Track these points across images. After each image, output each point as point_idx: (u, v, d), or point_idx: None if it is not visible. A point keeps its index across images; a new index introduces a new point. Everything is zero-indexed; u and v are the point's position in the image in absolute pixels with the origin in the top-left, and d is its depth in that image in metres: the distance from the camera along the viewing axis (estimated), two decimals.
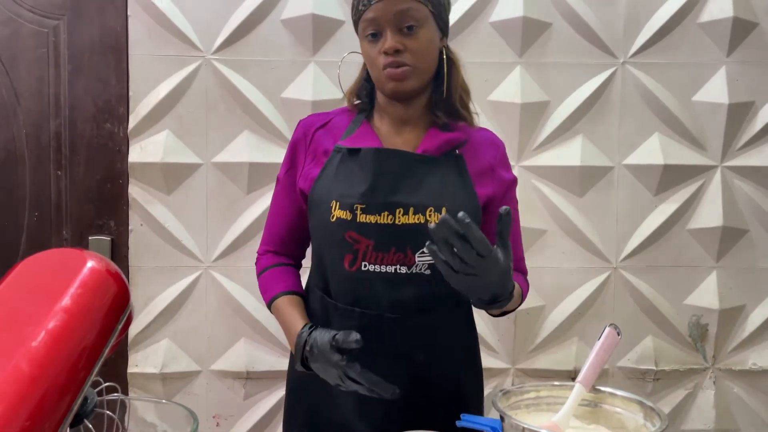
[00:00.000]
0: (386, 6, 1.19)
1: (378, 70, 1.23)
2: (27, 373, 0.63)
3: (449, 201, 1.21)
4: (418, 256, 1.20)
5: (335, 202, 1.21)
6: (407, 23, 1.20)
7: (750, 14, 1.95)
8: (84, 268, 0.73)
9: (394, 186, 1.21)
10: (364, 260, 1.20)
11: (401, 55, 1.20)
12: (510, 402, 1.15)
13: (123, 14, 1.93)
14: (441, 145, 1.26)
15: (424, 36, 1.22)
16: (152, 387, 1.97)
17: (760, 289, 2.04)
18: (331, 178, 1.24)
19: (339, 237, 1.21)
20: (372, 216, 1.19)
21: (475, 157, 1.29)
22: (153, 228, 1.95)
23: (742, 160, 2.00)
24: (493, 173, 1.30)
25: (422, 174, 1.22)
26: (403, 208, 1.19)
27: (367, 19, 1.21)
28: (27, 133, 1.97)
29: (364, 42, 1.25)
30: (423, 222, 1.19)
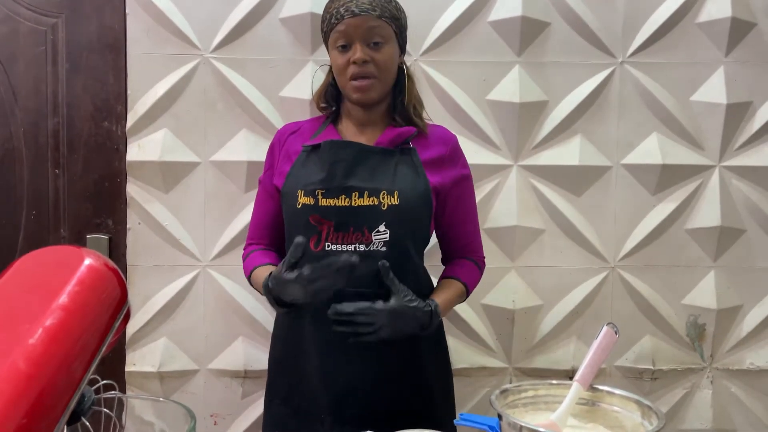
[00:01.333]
0: (357, 22, 1.37)
1: (345, 78, 1.41)
2: (24, 371, 0.62)
3: (402, 185, 1.37)
4: (374, 235, 1.36)
5: (300, 190, 1.38)
6: (374, 39, 1.38)
7: (748, 14, 1.96)
8: (81, 265, 0.73)
9: (349, 172, 1.37)
10: (327, 240, 1.36)
11: (367, 66, 1.38)
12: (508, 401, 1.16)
13: (121, 12, 1.93)
14: (394, 138, 1.43)
15: (387, 51, 1.40)
16: (150, 385, 1.97)
17: (757, 288, 2.04)
18: (298, 172, 1.42)
19: (304, 221, 1.37)
20: (331, 200, 1.35)
21: (426, 149, 1.45)
22: (151, 226, 1.95)
23: (740, 159, 2.00)
24: (443, 164, 1.46)
25: (376, 163, 1.39)
26: (358, 192, 1.35)
27: (339, 31, 1.39)
28: (25, 131, 1.97)
29: (333, 51, 1.42)
30: (377, 204, 1.35)
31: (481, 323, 1.99)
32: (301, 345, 1.43)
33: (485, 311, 1.98)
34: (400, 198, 1.36)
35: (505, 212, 1.94)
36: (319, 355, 1.40)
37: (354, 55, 1.38)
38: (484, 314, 1.99)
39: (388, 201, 1.36)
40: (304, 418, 1.42)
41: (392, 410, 1.37)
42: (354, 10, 1.38)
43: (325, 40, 1.47)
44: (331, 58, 1.45)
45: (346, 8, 1.38)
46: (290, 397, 1.46)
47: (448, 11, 1.93)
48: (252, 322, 1.97)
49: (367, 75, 1.39)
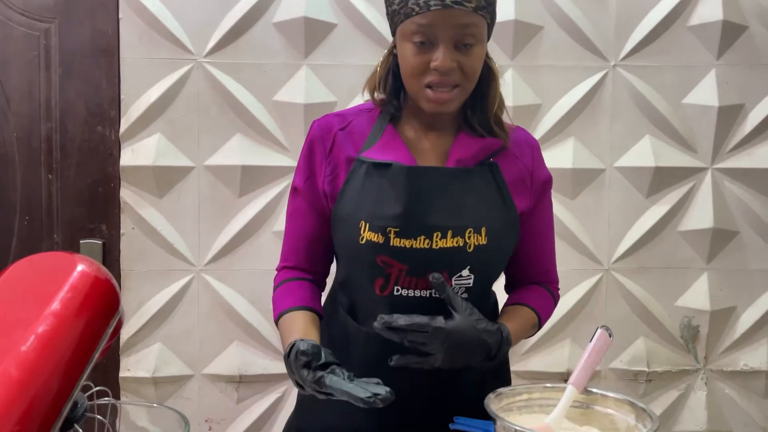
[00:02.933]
0: (447, 16, 1.05)
1: (419, 82, 1.10)
2: (16, 378, 0.62)
3: (488, 219, 1.13)
4: (455, 280, 1.12)
5: (364, 222, 1.11)
6: (465, 40, 1.08)
7: (739, 17, 1.97)
8: (74, 271, 0.73)
9: (429, 207, 1.11)
10: (396, 284, 1.12)
11: (452, 74, 1.09)
12: (502, 404, 1.15)
13: (114, 17, 1.93)
14: (476, 153, 1.16)
15: (478, 54, 1.11)
16: (144, 391, 1.96)
17: (750, 290, 2.05)
18: (358, 194, 1.13)
19: (369, 260, 1.12)
20: (407, 240, 1.10)
21: (511, 164, 1.19)
22: (145, 231, 1.95)
23: (732, 162, 2.01)
24: (531, 178, 1.21)
25: (458, 190, 1.13)
26: (441, 232, 1.10)
27: (419, 23, 1.07)
28: (18, 136, 1.96)
29: (406, 44, 1.10)
30: (462, 245, 1.10)
31: None
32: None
33: None
34: (488, 236, 1.11)
35: None
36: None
37: (436, 61, 1.07)
38: None
39: (474, 241, 1.11)
40: None
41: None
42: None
43: (392, 19, 1.14)
44: (401, 49, 1.12)
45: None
46: None
47: None
48: (246, 327, 1.97)
49: (450, 85, 1.09)
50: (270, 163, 1.94)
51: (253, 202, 1.95)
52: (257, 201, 1.95)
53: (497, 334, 1.09)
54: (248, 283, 1.96)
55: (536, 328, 1.24)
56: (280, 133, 1.94)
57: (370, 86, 1.21)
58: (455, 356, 1.05)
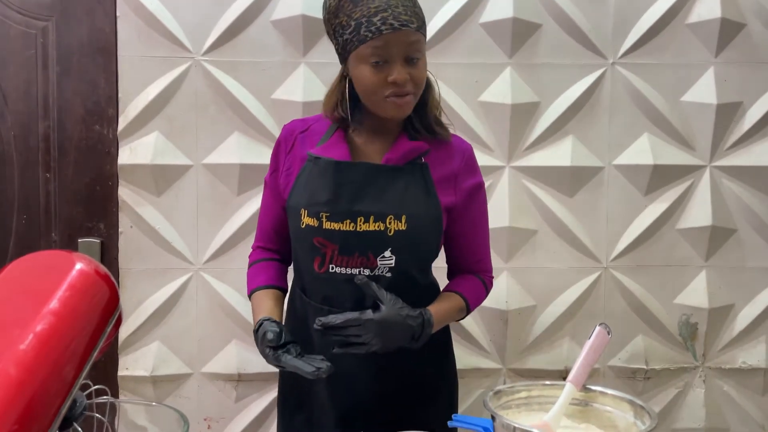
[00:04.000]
0: (398, 37, 1.24)
1: (379, 96, 1.28)
2: (14, 377, 0.62)
3: (410, 209, 1.30)
4: (379, 260, 1.30)
5: (303, 209, 1.32)
6: (413, 55, 1.27)
7: (738, 15, 1.97)
8: (72, 270, 0.73)
9: (356, 195, 1.30)
10: (331, 263, 1.31)
11: (407, 85, 1.27)
12: (501, 402, 1.16)
13: (112, 15, 1.92)
14: (405, 153, 1.34)
15: (423, 65, 1.30)
16: (143, 390, 1.96)
17: (749, 287, 2.05)
18: (302, 186, 1.35)
19: (308, 242, 1.32)
20: (336, 223, 1.29)
21: (439, 165, 1.37)
22: (143, 230, 1.94)
23: (730, 160, 2.01)
24: (456, 180, 1.38)
25: (385, 183, 1.31)
26: (363, 217, 1.29)
27: (374, 46, 1.24)
28: (15, 135, 1.96)
29: (363, 66, 1.27)
30: (383, 229, 1.29)
31: (474, 324, 1.99)
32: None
33: (478, 312, 1.98)
34: (408, 223, 1.30)
35: (497, 213, 1.94)
36: None
37: (394, 75, 1.25)
38: (478, 315, 1.99)
39: (395, 226, 1.29)
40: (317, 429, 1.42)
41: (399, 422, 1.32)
42: (393, 23, 1.23)
43: (343, 47, 1.30)
44: (357, 72, 1.29)
45: (383, 20, 1.23)
46: (302, 408, 1.45)
47: (440, 13, 1.93)
48: (245, 325, 1.97)
49: (405, 92, 1.28)
50: (268, 161, 1.91)
51: (251, 201, 1.95)
52: (255, 199, 1.95)
53: (419, 318, 1.27)
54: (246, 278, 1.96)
55: (464, 312, 1.42)
56: (278, 132, 1.92)
57: (327, 106, 1.39)
58: (386, 341, 1.24)
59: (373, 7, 1.23)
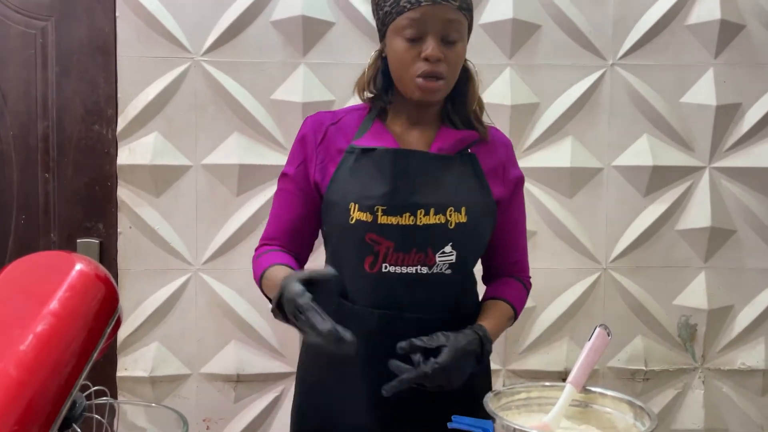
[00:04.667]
0: (436, 11, 1.17)
1: (410, 73, 1.20)
2: (15, 377, 0.62)
3: (467, 200, 1.22)
4: (438, 257, 1.21)
5: (354, 204, 1.20)
6: (451, 35, 1.19)
7: (737, 16, 1.97)
8: (72, 271, 0.73)
9: (413, 186, 1.20)
10: (384, 261, 1.20)
11: (440, 65, 1.19)
12: (501, 403, 1.16)
13: (111, 15, 1.92)
14: (455, 143, 1.26)
15: (460, 50, 1.22)
16: (142, 390, 1.96)
17: (748, 289, 2.05)
18: (347, 180, 1.23)
19: (359, 239, 1.20)
20: (393, 217, 1.19)
21: (487, 156, 1.29)
22: (142, 230, 1.94)
23: (729, 161, 2.01)
24: (504, 171, 1.31)
25: (439, 173, 1.23)
26: (424, 209, 1.19)
27: (411, 18, 1.17)
28: (14, 135, 1.95)
29: (398, 39, 1.20)
30: (443, 222, 1.20)
31: None
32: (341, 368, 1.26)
33: None
34: (467, 215, 1.21)
35: None
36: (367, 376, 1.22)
37: (427, 51, 1.17)
38: None
39: (455, 219, 1.20)
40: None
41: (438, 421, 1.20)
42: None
43: (383, 21, 1.23)
44: (392, 46, 1.21)
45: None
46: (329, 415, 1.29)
47: None
48: (244, 326, 1.96)
49: (438, 75, 1.19)
50: (268, 161, 1.94)
51: (250, 201, 1.95)
52: (255, 200, 1.95)
53: (476, 339, 1.18)
54: (246, 282, 1.95)
55: (512, 320, 1.34)
56: (277, 132, 1.94)
57: (359, 86, 1.30)
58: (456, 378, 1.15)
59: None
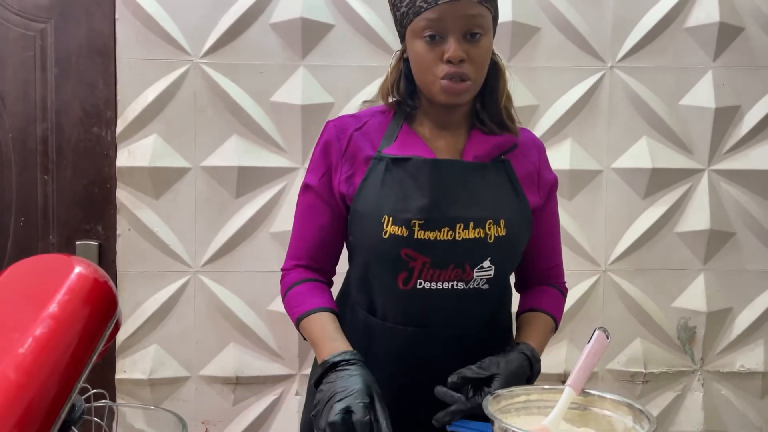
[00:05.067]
0: (455, 8, 1.09)
1: (433, 76, 1.13)
2: (13, 381, 0.62)
3: (505, 212, 1.16)
4: (476, 272, 1.15)
5: (387, 217, 1.13)
6: (473, 30, 1.11)
7: (736, 19, 1.97)
8: (71, 273, 0.72)
9: (451, 199, 1.14)
10: (419, 278, 1.14)
11: (463, 66, 1.11)
12: (500, 406, 1.15)
13: (111, 17, 1.92)
14: (490, 150, 1.19)
15: (486, 45, 1.14)
16: (140, 393, 1.96)
17: (747, 291, 2.05)
18: (378, 190, 1.15)
19: (393, 254, 1.13)
20: (431, 232, 1.12)
21: (521, 161, 1.23)
22: (141, 233, 1.94)
23: (728, 163, 2.01)
24: (539, 177, 1.25)
25: (476, 183, 1.17)
26: (463, 223, 1.13)
27: (429, 18, 1.10)
28: (13, 137, 1.95)
29: (417, 41, 1.13)
30: (482, 236, 1.14)
31: None
32: None
33: None
34: (506, 227, 1.15)
35: None
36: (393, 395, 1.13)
37: (449, 52, 1.10)
38: None
39: (494, 232, 1.14)
40: None
41: None
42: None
43: (400, 22, 1.17)
44: (412, 48, 1.14)
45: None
46: None
47: None
48: (243, 329, 1.96)
49: (464, 77, 1.12)
50: (267, 164, 1.94)
51: (249, 203, 1.95)
52: (254, 202, 1.95)
53: (526, 363, 1.15)
54: (245, 284, 1.96)
55: (554, 331, 1.30)
56: (277, 134, 1.94)
57: (383, 91, 1.23)
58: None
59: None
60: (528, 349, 1.17)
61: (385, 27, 1.92)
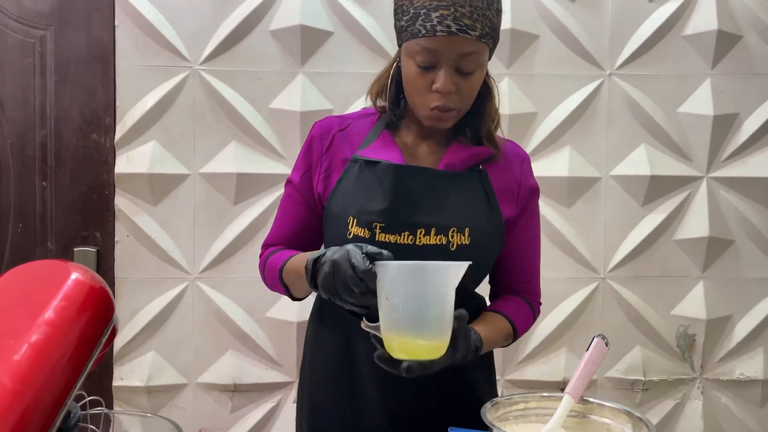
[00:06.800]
0: (452, 43, 1.09)
1: (421, 101, 1.15)
2: (9, 387, 0.61)
3: (473, 221, 1.17)
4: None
5: (352, 218, 1.16)
6: (466, 68, 1.12)
7: (734, 27, 1.98)
8: (68, 280, 0.72)
9: (415, 204, 1.15)
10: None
11: (451, 98, 1.13)
12: (498, 413, 1.15)
13: (110, 24, 1.93)
14: (466, 159, 1.21)
15: (477, 79, 1.15)
16: (138, 400, 1.95)
17: (746, 299, 2.05)
18: (349, 191, 1.18)
19: None
20: (392, 235, 1.14)
21: (500, 173, 1.23)
22: (139, 239, 1.94)
23: (727, 171, 2.01)
24: (519, 189, 1.25)
25: (445, 192, 1.17)
26: (424, 228, 1.14)
27: (424, 46, 1.10)
28: (12, 143, 1.95)
29: (410, 62, 1.13)
30: (445, 243, 1.14)
31: None
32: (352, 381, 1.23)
33: None
34: (471, 237, 1.16)
35: None
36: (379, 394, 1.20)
37: (438, 83, 1.11)
38: None
39: (457, 240, 1.15)
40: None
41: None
42: (450, 25, 1.08)
43: (398, 34, 1.16)
44: (405, 64, 1.15)
45: (441, 18, 1.08)
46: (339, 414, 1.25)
47: None
48: (241, 336, 1.96)
49: (449, 108, 1.13)
50: (265, 170, 1.94)
51: (248, 210, 1.95)
52: (253, 209, 1.95)
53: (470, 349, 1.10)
54: (243, 291, 1.95)
55: (510, 339, 1.25)
56: (276, 141, 1.94)
57: (373, 92, 1.25)
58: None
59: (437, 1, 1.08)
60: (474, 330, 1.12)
61: (384, 34, 1.93)
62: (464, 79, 1.12)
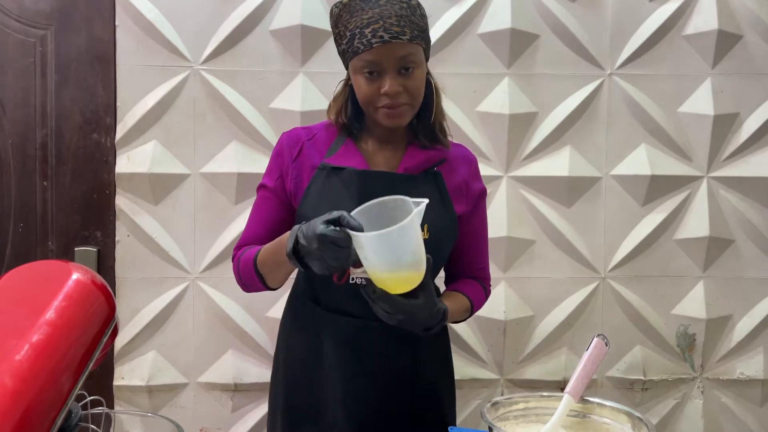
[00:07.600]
0: (388, 51, 1.24)
1: (374, 106, 1.29)
2: (10, 387, 0.62)
3: (430, 219, 1.25)
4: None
5: None
6: (406, 66, 1.27)
7: (734, 27, 1.98)
8: (69, 280, 0.72)
9: None
10: (352, 274, 1.29)
11: (400, 97, 1.27)
12: (499, 413, 1.15)
13: (111, 24, 1.93)
14: (421, 163, 1.36)
15: (419, 75, 1.29)
16: (138, 400, 1.95)
17: (746, 298, 2.05)
18: (319, 195, 1.32)
19: None
20: None
21: (451, 174, 1.39)
22: (140, 239, 1.94)
23: (727, 170, 2.01)
24: (468, 188, 1.41)
25: (405, 192, 1.24)
26: None
27: (366, 59, 1.26)
28: (13, 143, 1.95)
29: (359, 76, 1.29)
30: None
31: (472, 334, 1.99)
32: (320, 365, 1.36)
33: (476, 322, 1.98)
34: (429, 232, 1.30)
35: (495, 223, 1.94)
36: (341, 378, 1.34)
37: (384, 87, 1.26)
38: (476, 325, 1.98)
39: None
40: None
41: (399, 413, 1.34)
42: (383, 35, 1.23)
43: (342, 57, 1.34)
44: (355, 80, 1.31)
45: (373, 32, 1.24)
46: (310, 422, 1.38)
47: (438, 23, 1.94)
48: (242, 335, 1.96)
49: (400, 105, 1.28)
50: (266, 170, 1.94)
51: (248, 210, 1.93)
52: None
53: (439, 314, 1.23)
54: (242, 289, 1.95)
55: (468, 313, 1.43)
56: (276, 141, 1.94)
57: (332, 113, 1.39)
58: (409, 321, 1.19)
59: (366, 18, 1.24)
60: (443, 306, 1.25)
61: None
62: (407, 78, 1.27)
